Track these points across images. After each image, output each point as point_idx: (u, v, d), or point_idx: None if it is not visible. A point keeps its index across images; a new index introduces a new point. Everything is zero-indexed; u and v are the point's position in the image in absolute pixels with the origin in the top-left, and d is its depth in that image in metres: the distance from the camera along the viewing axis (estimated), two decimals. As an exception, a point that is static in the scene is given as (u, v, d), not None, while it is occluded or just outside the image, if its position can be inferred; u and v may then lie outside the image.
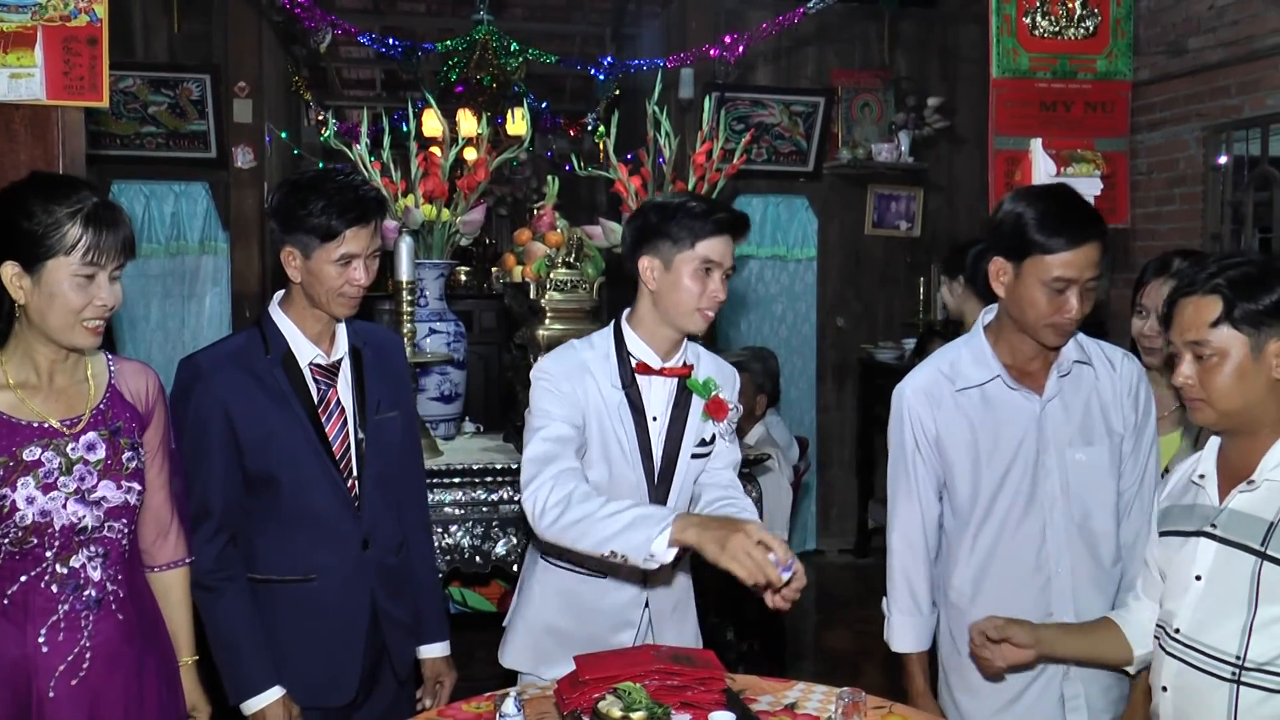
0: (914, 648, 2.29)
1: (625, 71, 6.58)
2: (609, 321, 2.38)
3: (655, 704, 1.81)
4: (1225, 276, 1.77)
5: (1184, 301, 1.82)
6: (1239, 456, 1.83)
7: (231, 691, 2.14)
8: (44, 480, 1.86)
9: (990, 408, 2.18)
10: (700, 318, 2.23)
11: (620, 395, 2.25)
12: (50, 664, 1.87)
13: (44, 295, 1.84)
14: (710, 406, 2.32)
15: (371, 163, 3.30)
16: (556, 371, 2.23)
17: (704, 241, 2.18)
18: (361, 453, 2.24)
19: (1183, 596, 1.85)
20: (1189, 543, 1.86)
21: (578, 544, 1.99)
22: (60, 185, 1.89)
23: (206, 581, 2.14)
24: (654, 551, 1.87)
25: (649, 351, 2.28)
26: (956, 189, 6.83)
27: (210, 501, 2.14)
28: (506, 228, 10.21)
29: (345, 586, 2.22)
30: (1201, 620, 1.81)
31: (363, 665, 2.25)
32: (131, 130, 6.08)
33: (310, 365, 2.21)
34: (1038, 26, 3.07)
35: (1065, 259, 2.02)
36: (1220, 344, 1.77)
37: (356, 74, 9.86)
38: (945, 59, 6.82)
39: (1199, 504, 1.87)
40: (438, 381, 3.44)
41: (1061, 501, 2.17)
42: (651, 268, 2.23)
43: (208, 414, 2.12)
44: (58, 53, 2.47)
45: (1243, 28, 5.04)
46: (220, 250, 6.30)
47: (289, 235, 2.13)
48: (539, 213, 3.47)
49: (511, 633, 2.39)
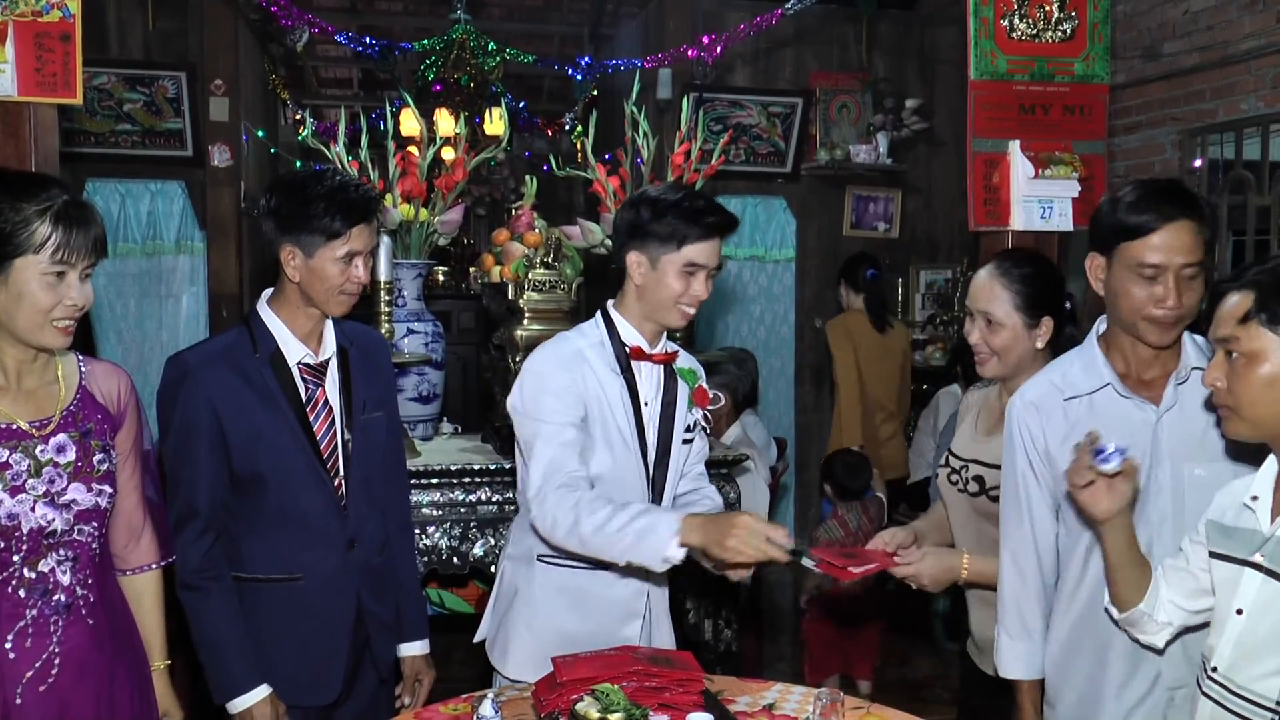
0: (1024, 675, 2.15)
1: (603, 72, 6.57)
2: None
3: (633, 705, 1.80)
4: (1265, 272, 1.64)
5: (1224, 297, 1.68)
6: None
7: (216, 691, 2.12)
8: (11, 483, 1.83)
9: (1097, 417, 2.01)
10: (680, 314, 2.27)
11: (620, 381, 2.27)
12: (18, 670, 1.84)
13: (12, 295, 1.81)
14: (697, 394, 2.38)
15: (349, 162, 3.28)
16: (553, 363, 2.24)
17: (691, 245, 2.20)
18: (348, 453, 2.24)
19: (1222, 631, 1.70)
20: (1233, 570, 1.70)
21: (595, 553, 2.08)
22: (29, 183, 1.86)
23: (192, 581, 2.12)
24: (668, 556, 1.97)
25: (639, 338, 2.31)
26: (935, 191, 6.87)
27: (196, 501, 2.12)
28: (485, 228, 10.17)
29: (331, 586, 2.22)
30: (1240, 659, 1.66)
31: (346, 664, 2.25)
32: (106, 128, 6.03)
33: (299, 365, 2.20)
34: (1015, 29, 3.08)
35: (1153, 242, 1.88)
36: (1251, 343, 1.62)
37: (334, 73, 9.81)
38: (923, 61, 6.85)
39: (1247, 528, 1.70)
40: (416, 382, 3.42)
41: (1172, 520, 1.99)
42: (639, 263, 2.25)
43: (196, 412, 2.11)
44: (29, 48, 2.44)
45: (1217, 33, 5.08)
46: (197, 250, 6.26)
47: (289, 235, 2.13)
48: (517, 213, 3.46)
49: (515, 641, 2.32)
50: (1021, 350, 2.31)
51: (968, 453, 2.44)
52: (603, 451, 2.26)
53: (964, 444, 2.47)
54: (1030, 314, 2.30)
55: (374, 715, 2.32)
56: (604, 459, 2.25)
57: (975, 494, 2.39)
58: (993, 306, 2.31)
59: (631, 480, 2.28)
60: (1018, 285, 2.30)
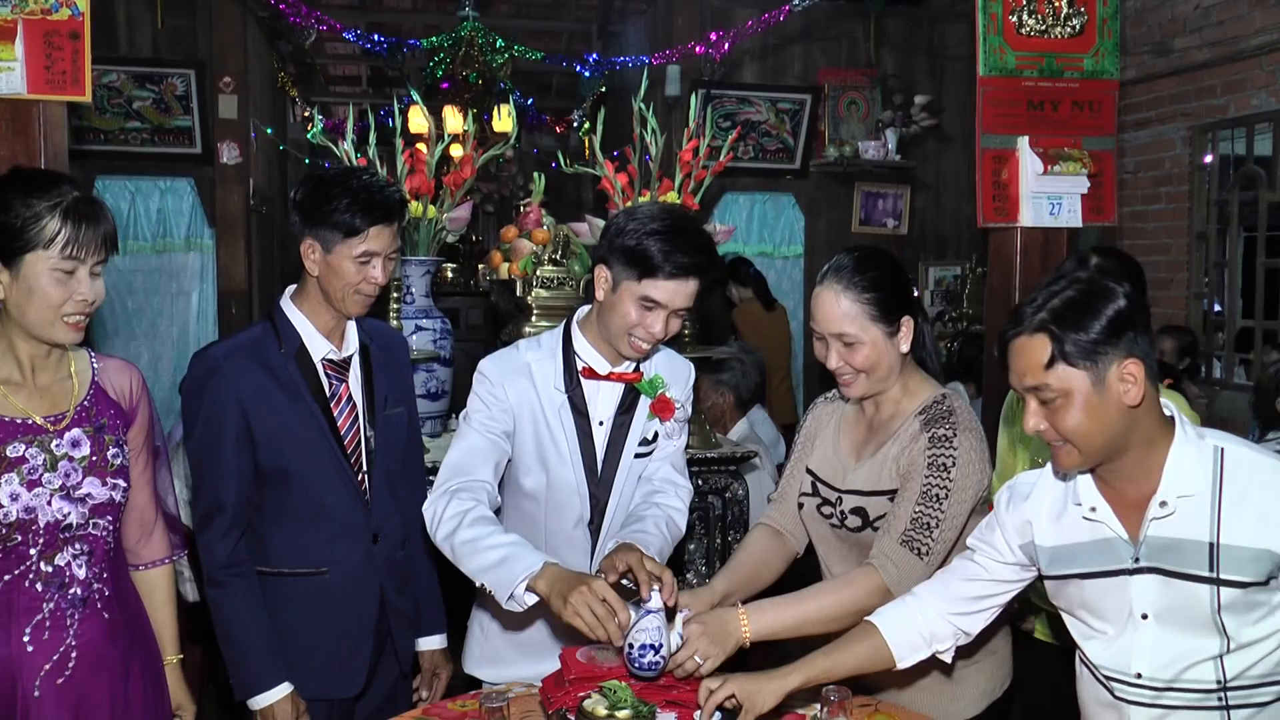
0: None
1: (611, 69, 6.58)
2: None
3: (640, 702, 1.80)
4: (1049, 310, 1.62)
5: (1014, 345, 1.66)
6: (1125, 481, 1.69)
7: (238, 687, 2.13)
8: (28, 477, 1.84)
9: None
10: (630, 345, 2.12)
11: (562, 398, 2.18)
12: (35, 663, 1.86)
13: (23, 290, 1.83)
14: (656, 405, 2.23)
15: (357, 159, 3.28)
16: (493, 375, 2.19)
17: (651, 280, 2.04)
18: (371, 448, 2.25)
19: (1133, 638, 1.70)
20: (1116, 582, 1.71)
21: (460, 564, 1.94)
22: (40, 179, 1.88)
23: (218, 577, 2.12)
24: (515, 594, 1.84)
25: (596, 356, 2.20)
26: (944, 187, 6.86)
27: (223, 496, 2.12)
28: (494, 225, 10.19)
29: (356, 579, 2.23)
30: (1169, 660, 1.68)
31: (370, 657, 2.26)
32: (116, 126, 6.05)
33: (323, 360, 2.21)
34: (1024, 25, 3.07)
35: None
36: (1060, 385, 1.61)
37: (343, 70, 9.83)
38: (932, 57, 6.84)
39: (1103, 538, 1.71)
40: (424, 379, 3.43)
41: None
42: (604, 279, 2.12)
43: (223, 407, 2.11)
44: (39, 46, 2.45)
45: (1228, 28, 5.06)
46: (206, 247, 6.27)
47: (311, 229, 2.13)
48: (525, 210, 3.46)
49: (471, 639, 2.36)
50: (888, 362, 2.06)
51: (839, 481, 2.16)
52: (536, 470, 2.20)
53: (829, 469, 2.20)
54: (888, 321, 2.04)
55: (393, 708, 2.32)
56: (538, 477, 2.20)
57: (858, 529, 2.11)
58: (845, 325, 2.03)
59: (567, 498, 2.20)
60: (867, 294, 2.02)
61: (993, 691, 2.17)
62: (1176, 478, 1.65)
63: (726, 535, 3.17)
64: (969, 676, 2.14)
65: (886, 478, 2.06)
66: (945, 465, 1.99)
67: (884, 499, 2.05)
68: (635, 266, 2.04)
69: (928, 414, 2.06)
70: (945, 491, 1.98)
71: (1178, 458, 1.66)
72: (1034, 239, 3.09)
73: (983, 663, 2.15)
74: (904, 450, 2.05)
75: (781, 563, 2.26)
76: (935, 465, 1.99)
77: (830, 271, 2.06)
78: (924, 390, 2.13)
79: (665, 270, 2.03)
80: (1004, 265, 3.16)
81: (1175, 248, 5.65)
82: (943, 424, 2.03)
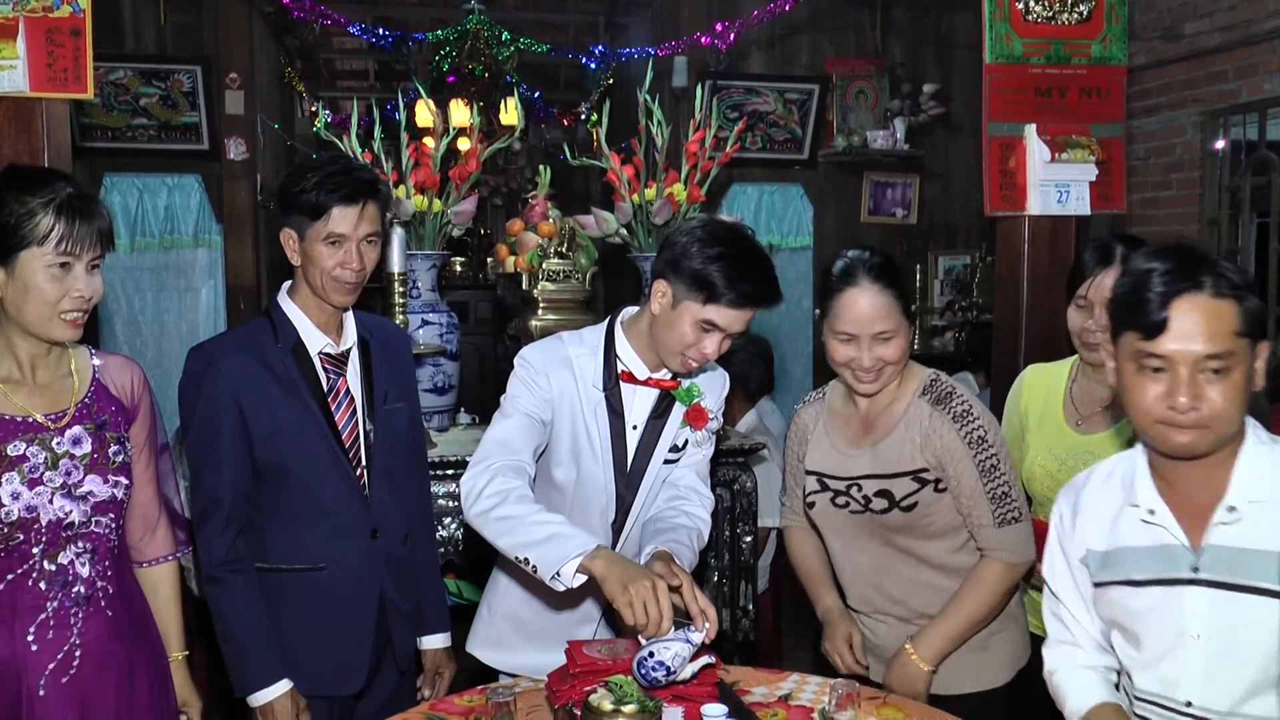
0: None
1: (618, 60, 6.55)
2: (603, 312, 2.35)
3: (647, 696, 1.79)
4: (1228, 278, 1.48)
5: (1198, 303, 1.47)
6: (1191, 482, 1.57)
7: (238, 684, 2.12)
8: (29, 475, 1.84)
9: None
10: (681, 362, 2.13)
11: (600, 396, 2.19)
12: (40, 662, 1.86)
13: (19, 287, 1.83)
14: (690, 414, 2.24)
15: (363, 154, 3.28)
16: (536, 363, 2.19)
17: (715, 306, 2.04)
18: (370, 443, 2.23)
19: (1179, 660, 1.57)
20: (1169, 594, 1.57)
21: (497, 540, 1.93)
22: (35, 177, 1.88)
23: (217, 574, 2.11)
24: (561, 572, 1.83)
25: (637, 361, 2.21)
26: (953, 176, 6.82)
27: (221, 492, 2.11)
28: (501, 218, 10.17)
29: (355, 576, 2.22)
30: (1222, 688, 1.53)
31: (370, 655, 2.25)
32: (123, 123, 6.05)
33: (320, 355, 2.20)
34: (1031, 12, 3.04)
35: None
36: (1240, 356, 1.48)
37: (349, 65, 9.81)
38: (939, 45, 6.79)
39: (1161, 544, 1.58)
40: (431, 373, 3.42)
41: None
42: (663, 293, 2.10)
43: (219, 403, 2.10)
44: (40, 44, 2.45)
45: (1239, 12, 5.01)
46: (214, 243, 6.28)
47: (286, 216, 2.14)
48: (531, 203, 3.45)
49: (479, 620, 2.39)
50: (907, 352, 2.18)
51: (847, 470, 2.22)
52: (568, 463, 2.20)
53: (832, 463, 2.26)
54: (908, 313, 2.17)
55: (395, 707, 2.30)
56: (569, 471, 2.20)
57: (885, 510, 2.17)
58: (887, 322, 2.12)
59: (594, 495, 2.22)
60: (893, 288, 2.14)
61: (1018, 659, 2.26)
62: (1248, 481, 1.53)
63: (735, 527, 3.16)
64: (996, 645, 2.23)
65: (908, 459, 2.15)
66: (982, 436, 2.12)
67: (908, 479, 2.15)
68: (701, 290, 2.04)
69: (931, 393, 2.18)
70: (995, 459, 2.13)
71: (1250, 460, 1.55)
72: (1042, 227, 3.07)
73: (1007, 630, 2.25)
74: (922, 431, 2.15)
75: (824, 553, 2.38)
76: (974, 441, 2.12)
77: (862, 272, 2.14)
78: (915, 372, 2.23)
79: (729, 297, 2.03)
80: (1012, 254, 3.14)
81: (1187, 234, 5.61)
82: (953, 400, 2.16)
